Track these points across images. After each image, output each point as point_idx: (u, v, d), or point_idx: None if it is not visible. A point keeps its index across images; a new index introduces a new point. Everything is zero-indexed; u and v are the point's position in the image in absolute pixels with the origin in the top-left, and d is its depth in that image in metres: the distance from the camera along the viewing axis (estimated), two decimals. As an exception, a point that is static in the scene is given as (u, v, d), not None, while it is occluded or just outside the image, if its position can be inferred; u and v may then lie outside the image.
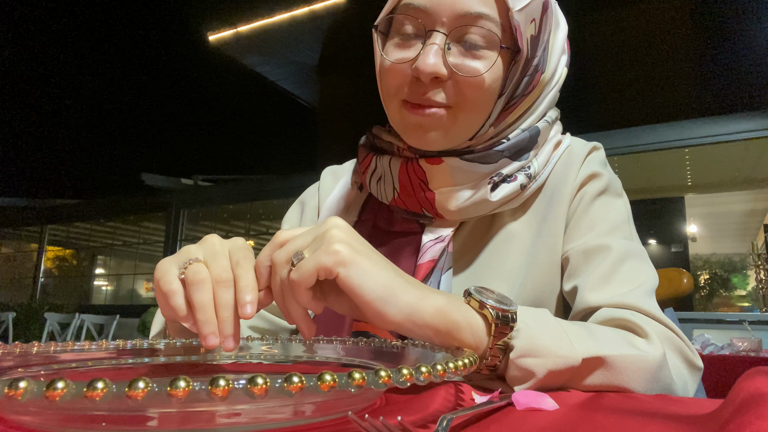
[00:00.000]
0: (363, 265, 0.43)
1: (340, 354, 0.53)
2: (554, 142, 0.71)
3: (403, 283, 0.45)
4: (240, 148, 9.01)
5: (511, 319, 0.46)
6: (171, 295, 0.43)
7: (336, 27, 6.92)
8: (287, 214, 0.87)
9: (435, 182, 0.65)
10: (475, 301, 0.47)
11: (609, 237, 0.65)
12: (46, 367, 0.46)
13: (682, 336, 0.57)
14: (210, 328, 0.41)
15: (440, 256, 0.65)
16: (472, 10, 0.59)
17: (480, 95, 0.61)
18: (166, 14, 8.53)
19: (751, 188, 6.33)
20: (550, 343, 0.47)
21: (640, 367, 0.49)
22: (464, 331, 0.45)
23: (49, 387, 0.24)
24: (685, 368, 0.55)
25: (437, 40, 0.59)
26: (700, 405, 0.39)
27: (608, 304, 0.58)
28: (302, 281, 0.42)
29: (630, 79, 5.14)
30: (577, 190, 0.69)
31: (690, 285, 0.91)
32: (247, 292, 0.43)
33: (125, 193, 8.40)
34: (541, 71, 0.66)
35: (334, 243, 0.43)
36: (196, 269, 0.43)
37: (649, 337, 0.52)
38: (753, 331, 2.96)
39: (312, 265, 0.42)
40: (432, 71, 0.58)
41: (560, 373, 0.46)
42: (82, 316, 5.85)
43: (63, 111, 10.26)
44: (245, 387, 0.25)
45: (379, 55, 0.65)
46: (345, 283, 0.43)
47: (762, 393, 0.28)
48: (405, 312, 0.44)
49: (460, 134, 0.64)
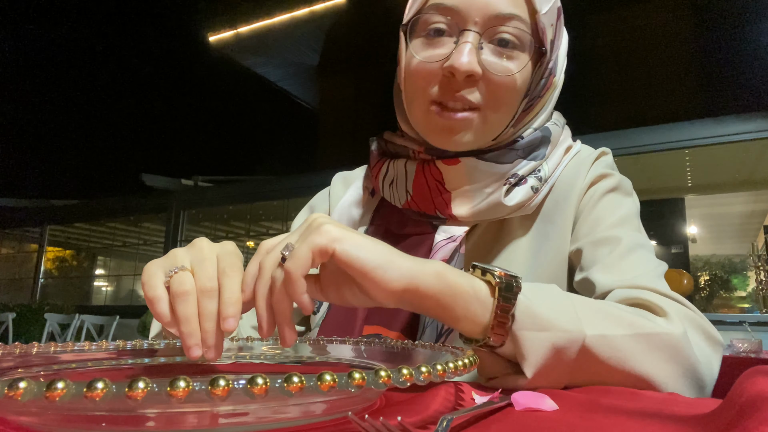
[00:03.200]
0: (356, 239, 0.43)
1: (342, 354, 0.53)
2: (565, 146, 0.72)
3: (398, 252, 0.45)
4: (240, 148, 9.02)
5: (515, 285, 0.45)
6: (155, 302, 0.42)
7: (336, 27, 6.92)
8: (296, 220, 0.86)
9: (452, 183, 0.65)
10: (478, 270, 0.47)
11: (617, 229, 0.64)
12: (46, 367, 0.46)
13: (699, 313, 0.56)
14: (193, 340, 0.41)
15: (452, 257, 0.65)
16: (504, 11, 0.60)
17: (510, 96, 0.62)
18: (166, 15, 8.53)
19: (751, 189, 6.32)
20: (554, 316, 0.45)
21: (661, 345, 0.48)
22: (468, 295, 0.45)
23: (49, 387, 0.24)
24: (706, 345, 0.53)
25: (470, 38, 0.59)
26: (700, 405, 0.39)
27: (621, 286, 0.57)
28: (298, 268, 0.41)
29: (630, 81, 5.14)
30: (585, 191, 0.69)
31: (690, 286, 0.91)
32: (230, 305, 0.42)
33: (125, 193, 8.39)
34: (554, 74, 0.68)
35: (323, 225, 0.43)
36: (181, 279, 0.42)
37: (668, 315, 0.51)
38: (753, 333, 2.96)
39: (306, 248, 0.41)
40: (468, 69, 0.58)
41: (565, 350, 0.45)
42: (82, 316, 5.85)
43: (63, 111, 10.26)
44: (245, 387, 0.25)
45: (406, 54, 0.65)
46: (342, 256, 0.42)
47: (765, 396, 0.28)
48: (407, 276, 0.43)
49: (488, 135, 0.65)
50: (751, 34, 4.72)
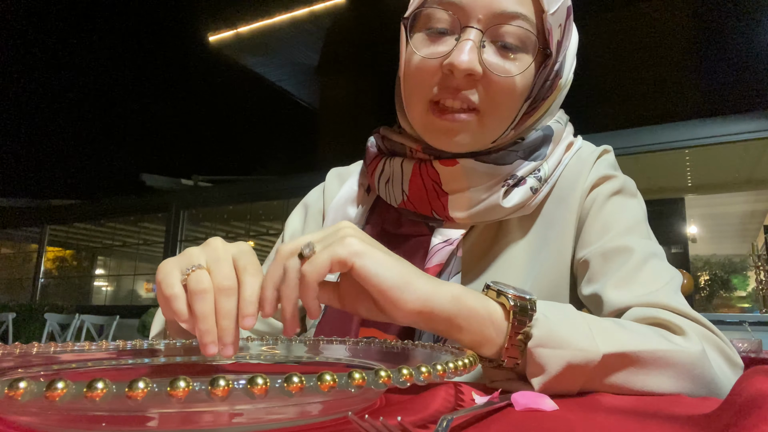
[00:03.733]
0: (377, 256, 0.43)
1: (342, 354, 0.53)
2: (566, 143, 0.71)
3: (418, 273, 0.45)
4: (240, 148, 9.02)
5: (530, 308, 0.45)
6: (173, 300, 0.43)
7: (336, 28, 6.92)
8: (290, 218, 0.85)
9: (449, 184, 0.64)
10: (493, 291, 0.47)
11: (628, 237, 0.62)
12: (46, 367, 0.46)
13: (719, 333, 0.54)
14: (210, 337, 0.42)
15: (448, 260, 0.64)
16: (509, 9, 0.58)
17: (510, 99, 0.60)
18: (166, 15, 8.53)
19: (751, 189, 6.32)
20: (569, 335, 0.45)
21: (677, 363, 0.47)
22: (483, 318, 0.45)
23: (49, 387, 0.24)
24: (727, 367, 0.52)
25: (472, 36, 0.58)
26: (700, 405, 0.39)
27: (638, 304, 0.55)
28: (315, 272, 0.42)
29: (630, 81, 5.14)
30: (587, 193, 0.68)
31: (690, 286, 0.91)
32: (250, 303, 0.43)
33: (125, 193, 8.39)
34: (560, 76, 0.66)
35: (347, 237, 0.43)
36: (198, 277, 0.43)
37: (687, 334, 0.50)
38: (753, 332, 2.95)
39: (327, 256, 0.42)
40: (467, 67, 0.57)
41: (580, 367, 0.44)
42: (82, 316, 5.84)
43: (63, 111, 10.26)
44: (245, 387, 0.25)
45: (406, 50, 0.63)
46: (361, 272, 0.42)
47: (764, 394, 0.28)
48: (422, 298, 0.43)
49: (487, 138, 0.63)
50: (751, 34, 4.72)
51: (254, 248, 0.47)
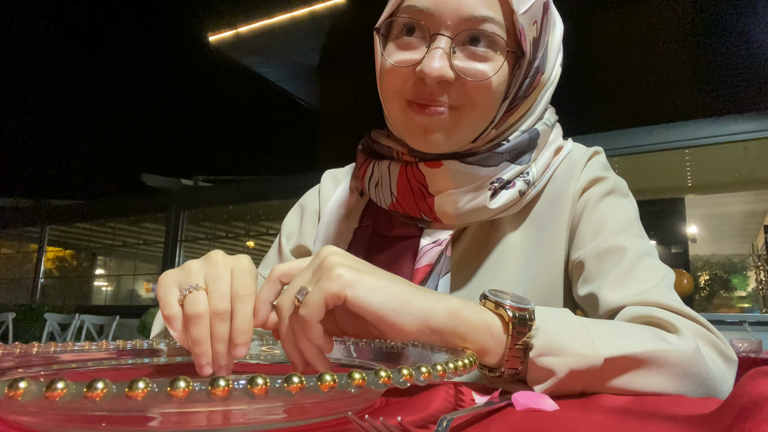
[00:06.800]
0: (368, 282, 0.43)
1: (341, 354, 0.53)
2: (554, 147, 0.70)
3: (413, 291, 0.45)
4: (240, 148, 9.02)
5: (528, 318, 0.45)
6: (171, 321, 0.44)
7: (336, 27, 6.92)
8: (286, 219, 0.86)
9: (435, 186, 0.65)
10: (491, 302, 0.47)
11: (621, 237, 0.63)
12: (46, 367, 0.46)
13: (712, 329, 0.55)
14: (205, 360, 0.43)
15: (437, 260, 0.65)
16: (477, 14, 0.58)
17: (486, 98, 0.60)
18: (166, 15, 8.53)
19: (751, 189, 6.32)
20: (570, 341, 0.45)
21: (673, 362, 0.47)
22: (481, 331, 0.45)
23: (49, 387, 0.24)
24: (721, 362, 0.53)
25: (442, 43, 0.58)
26: (700, 405, 0.39)
27: (631, 303, 0.56)
28: (312, 314, 0.42)
29: (630, 80, 5.14)
30: (579, 195, 0.68)
31: (690, 286, 0.91)
32: (241, 333, 0.43)
33: (125, 193, 8.39)
34: (542, 72, 0.66)
35: (335, 269, 0.43)
36: (194, 300, 0.43)
37: (680, 332, 0.50)
38: (753, 332, 2.95)
39: (319, 296, 0.42)
40: (438, 75, 0.57)
41: (582, 373, 0.45)
42: (82, 316, 5.84)
43: (63, 111, 10.26)
44: (245, 387, 0.25)
45: (380, 57, 0.64)
46: (355, 303, 0.42)
47: (765, 397, 0.28)
48: (420, 318, 0.43)
49: (464, 136, 0.63)
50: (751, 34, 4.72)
51: (254, 248, 0.47)
